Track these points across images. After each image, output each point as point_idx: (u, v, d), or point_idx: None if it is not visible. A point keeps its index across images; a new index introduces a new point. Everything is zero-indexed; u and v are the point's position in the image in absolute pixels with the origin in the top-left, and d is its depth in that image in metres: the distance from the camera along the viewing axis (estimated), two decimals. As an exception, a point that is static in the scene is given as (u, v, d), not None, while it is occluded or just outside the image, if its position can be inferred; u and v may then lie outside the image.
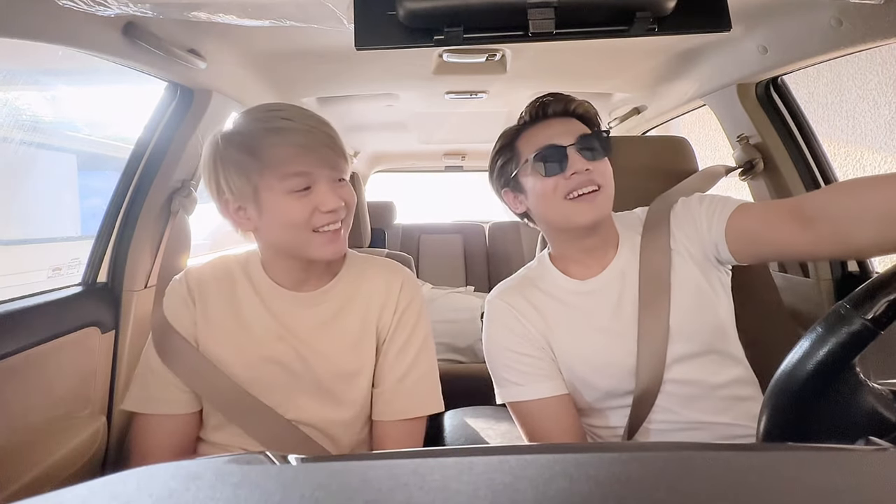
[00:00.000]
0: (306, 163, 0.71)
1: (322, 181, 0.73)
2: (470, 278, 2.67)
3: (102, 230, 1.14)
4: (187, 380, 0.77)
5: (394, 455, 0.34)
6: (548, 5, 0.54)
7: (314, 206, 0.72)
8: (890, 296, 0.43)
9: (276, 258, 0.80)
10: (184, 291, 0.81)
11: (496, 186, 0.92)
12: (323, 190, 0.73)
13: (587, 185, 0.79)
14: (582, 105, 0.86)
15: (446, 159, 2.92)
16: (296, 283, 0.81)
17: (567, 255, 0.88)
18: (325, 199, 0.72)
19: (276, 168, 0.71)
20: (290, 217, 0.72)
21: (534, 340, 0.84)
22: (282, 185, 0.71)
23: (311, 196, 0.72)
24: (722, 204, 0.83)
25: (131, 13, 0.71)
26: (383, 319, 0.82)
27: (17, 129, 1.66)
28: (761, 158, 1.27)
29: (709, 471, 0.27)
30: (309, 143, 0.72)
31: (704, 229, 0.83)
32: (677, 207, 0.88)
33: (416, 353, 0.82)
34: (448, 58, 1.27)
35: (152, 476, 0.26)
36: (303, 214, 0.72)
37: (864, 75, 2.09)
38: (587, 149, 0.80)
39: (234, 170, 0.72)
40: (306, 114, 0.75)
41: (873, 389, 0.47)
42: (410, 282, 0.86)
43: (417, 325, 0.83)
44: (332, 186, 0.74)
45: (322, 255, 0.76)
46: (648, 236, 0.86)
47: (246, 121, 0.74)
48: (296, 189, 0.71)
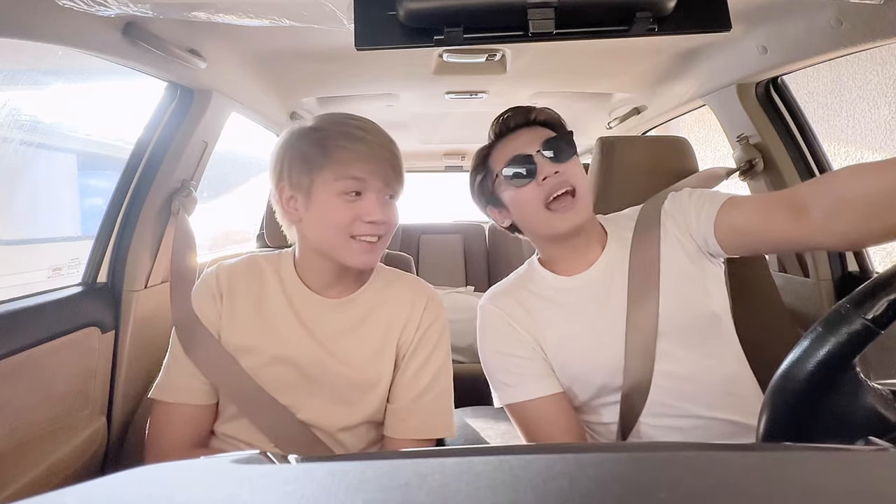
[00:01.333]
0: (363, 170, 0.75)
1: (372, 192, 0.76)
2: (470, 278, 2.67)
3: (102, 230, 1.14)
4: (206, 370, 0.79)
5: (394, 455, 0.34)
6: (548, 5, 0.54)
7: (358, 213, 0.75)
8: (890, 295, 0.43)
9: (311, 256, 0.82)
10: (213, 285, 0.83)
11: (480, 204, 0.94)
12: (371, 200, 0.76)
13: (561, 187, 0.80)
14: (543, 112, 0.88)
15: (446, 159, 2.93)
16: (324, 286, 0.83)
17: (555, 257, 0.89)
18: (370, 209, 0.75)
19: (336, 167, 0.74)
20: (334, 217, 0.75)
21: (524, 342, 0.84)
22: (335, 184, 0.74)
23: (359, 203, 0.75)
24: (710, 198, 0.83)
25: (131, 13, 0.72)
26: (405, 336, 0.83)
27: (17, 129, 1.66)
28: (761, 158, 1.27)
29: (709, 471, 0.27)
30: (372, 153, 0.75)
31: (693, 223, 0.84)
32: (667, 204, 0.89)
33: (434, 373, 0.82)
34: (448, 58, 1.27)
35: (152, 476, 0.26)
36: (346, 218, 0.75)
37: (863, 75, 2.09)
38: (553, 152, 0.82)
39: (299, 160, 0.76)
40: (378, 130, 0.78)
41: (873, 389, 0.47)
42: (435, 301, 0.87)
43: (438, 346, 0.84)
44: (381, 200, 0.77)
45: (355, 263, 0.78)
46: (640, 232, 0.87)
47: (324, 120, 0.78)
48: (346, 192, 0.74)
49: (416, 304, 0.85)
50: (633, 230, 0.87)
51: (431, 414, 0.81)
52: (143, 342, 1.15)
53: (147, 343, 1.16)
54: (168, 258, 1.20)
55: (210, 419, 0.82)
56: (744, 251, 0.82)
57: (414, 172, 3.30)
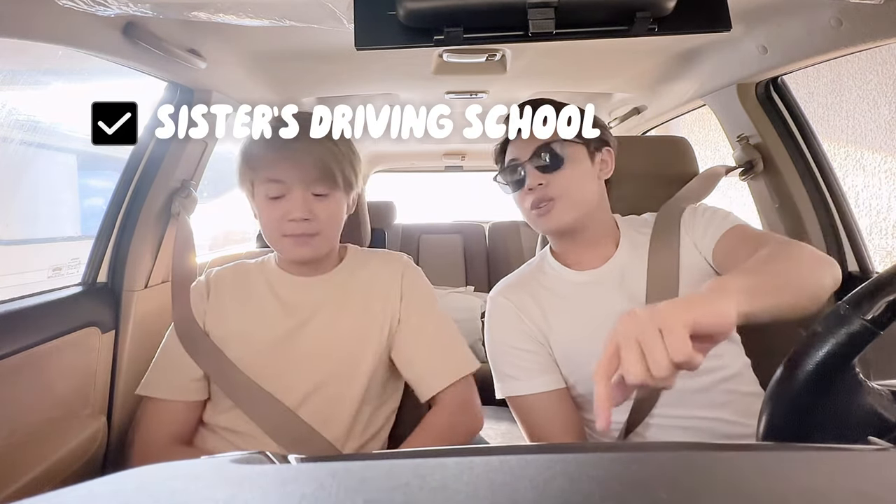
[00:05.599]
0: (281, 172, 0.80)
1: (296, 191, 0.80)
2: (470, 278, 2.66)
3: (102, 230, 1.14)
4: (205, 366, 0.82)
5: (394, 455, 0.34)
6: (548, 5, 0.54)
7: (283, 212, 0.80)
8: (890, 296, 0.43)
9: None
10: (202, 285, 0.89)
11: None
12: (294, 199, 0.79)
13: (541, 201, 0.83)
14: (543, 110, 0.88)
15: (446, 159, 2.92)
16: (297, 270, 0.89)
17: (565, 250, 0.91)
18: (293, 207, 0.79)
19: (258, 172, 0.81)
20: (265, 217, 0.82)
21: (532, 335, 0.85)
22: (261, 188, 0.81)
23: (282, 204, 0.80)
24: (719, 221, 0.85)
25: (131, 13, 0.71)
26: (389, 308, 0.87)
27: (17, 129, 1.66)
28: (761, 158, 1.27)
29: (709, 471, 0.27)
30: (290, 155, 0.79)
31: (700, 243, 0.85)
32: (686, 215, 0.90)
33: (434, 327, 0.88)
34: (448, 58, 1.27)
35: (152, 476, 0.26)
36: (273, 218, 0.80)
37: (864, 75, 2.09)
38: (542, 161, 0.83)
39: (242, 165, 0.84)
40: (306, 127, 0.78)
41: (873, 389, 0.47)
42: (411, 268, 0.93)
43: (427, 304, 0.90)
44: (306, 198, 0.80)
45: (292, 256, 0.85)
46: (658, 238, 0.88)
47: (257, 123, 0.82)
48: (271, 195, 0.80)
49: (394, 275, 0.90)
50: (651, 236, 0.88)
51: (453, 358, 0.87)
52: (143, 342, 1.15)
53: (147, 343, 1.15)
54: (168, 258, 1.20)
55: (195, 416, 0.85)
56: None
57: (414, 172, 3.30)
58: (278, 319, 0.84)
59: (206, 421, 0.85)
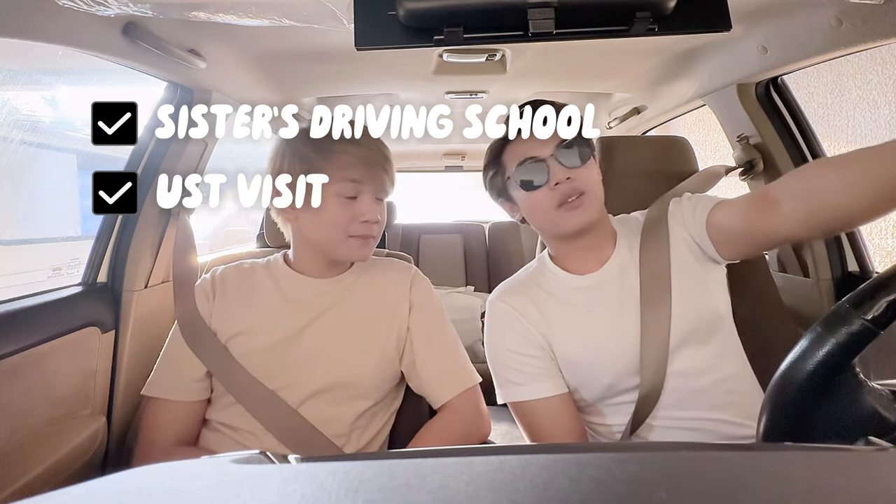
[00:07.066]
0: (361, 174, 0.80)
1: (367, 194, 0.82)
2: (470, 278, 2.66)
3: (102, 230, 1.14)
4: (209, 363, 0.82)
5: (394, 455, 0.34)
6: (548, 5, 0.54)
7: (355, 213, 0.80)
8: (890, 296, 0.43)
9: (305, 248, 0.88)
10: (207, 285, 0.89)
11: (492, 196, 0.94)
12: (366, 202, 0.81)
13: (572, 194, 0.80)
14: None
15: (446, 159, 2.92)
16: (314, 272, 0.89)
17: (566, 255, 0.89)
18: (367, 210, 0.81)
19: (335, 170, 0.79)
20: (332, 217, 0.80)
21: (534, 340, 0.84)
22: (334, 186, 0.79)
23: (355, 204, 0.81)
24: (704, 203, 0.85)
25: (131, 13, 0.72)
26: (397, 316, 0.87)
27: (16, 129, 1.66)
28: (761, 158, 1.27)
29: (709, 471, 0.27)
30: (370, 158, 0.81)
31: (690, 224, 0.85)
32: (672, 207, 0.90)
33: (444, 338, 0.89)
34: (448, 58, 1.27)
35: (152, 476, 0.26)
36: (344, 218, 0.80)
37: (864, 75, 2.09)
38: (568, 157, 0.81)
39: (298, 161, 0.80)
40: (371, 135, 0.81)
41: (873, 389, 0.46)
42: (419, 277, 0.93)
43: (436, 314, 0.91)
44: (375, 202, 0.83)
45: (351, 257, 0.87)
46: (648, 236, 0.87)
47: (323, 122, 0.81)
48: (345, 194, 0.80)
49: (402, 285, 0.90)
50: (641, 234, 0.88)
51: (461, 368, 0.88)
52: (143, 342, 1.15)
53: (147, 343, 1.16)
54: (168, 258, 1.20)
55: (199, 416, 0.84)
56: (737, 253, 0.83)
57: (414, 172, 3.30)
58: (285, 319, 0.84)
59: (206, 417, 0.85)
